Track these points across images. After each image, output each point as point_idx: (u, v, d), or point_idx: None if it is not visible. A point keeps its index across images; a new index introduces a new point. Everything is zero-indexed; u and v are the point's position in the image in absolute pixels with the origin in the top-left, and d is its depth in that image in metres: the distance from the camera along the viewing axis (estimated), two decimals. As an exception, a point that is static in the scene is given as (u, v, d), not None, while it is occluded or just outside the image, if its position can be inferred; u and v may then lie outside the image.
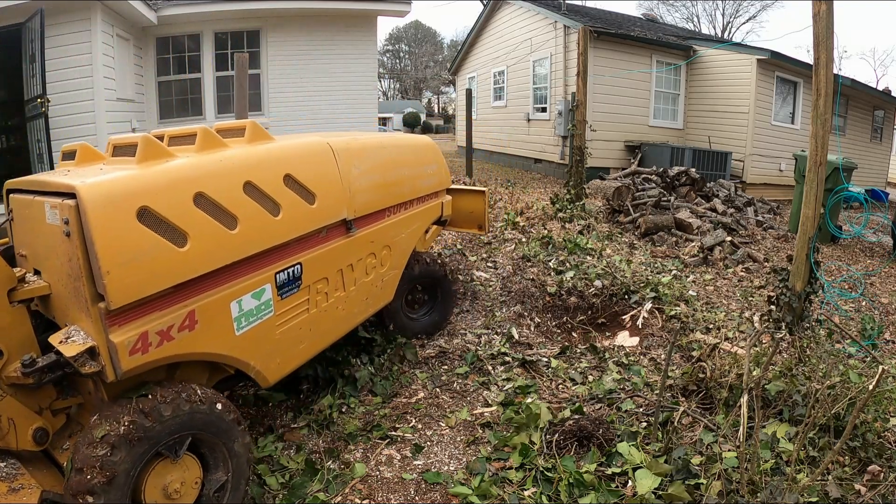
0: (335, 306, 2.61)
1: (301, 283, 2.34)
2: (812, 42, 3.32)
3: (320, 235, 2.46)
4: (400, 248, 3.14)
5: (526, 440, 2.55)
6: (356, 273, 2.75)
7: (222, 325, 1.97)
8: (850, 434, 2.11)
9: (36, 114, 7.00)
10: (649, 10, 39.65)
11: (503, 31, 15.61)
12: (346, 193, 2.58)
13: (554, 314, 4.34)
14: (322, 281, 2.49)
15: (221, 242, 1.91)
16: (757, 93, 11.50)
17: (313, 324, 2.46)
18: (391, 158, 3.02)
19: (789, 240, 7.41)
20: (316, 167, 2.44)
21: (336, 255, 2.56)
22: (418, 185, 3.26)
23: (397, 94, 63.17)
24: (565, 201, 7.68)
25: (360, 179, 2.70)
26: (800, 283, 3.46)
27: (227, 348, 2.00)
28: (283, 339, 2.28)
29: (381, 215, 2.93)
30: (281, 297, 2.23)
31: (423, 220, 3.39)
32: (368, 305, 2.93)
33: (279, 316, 2.24)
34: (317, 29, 9.67)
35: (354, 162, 2.67)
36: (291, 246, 2.28)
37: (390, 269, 3.08)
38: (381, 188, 2.88)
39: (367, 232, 2.80)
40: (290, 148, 2.38)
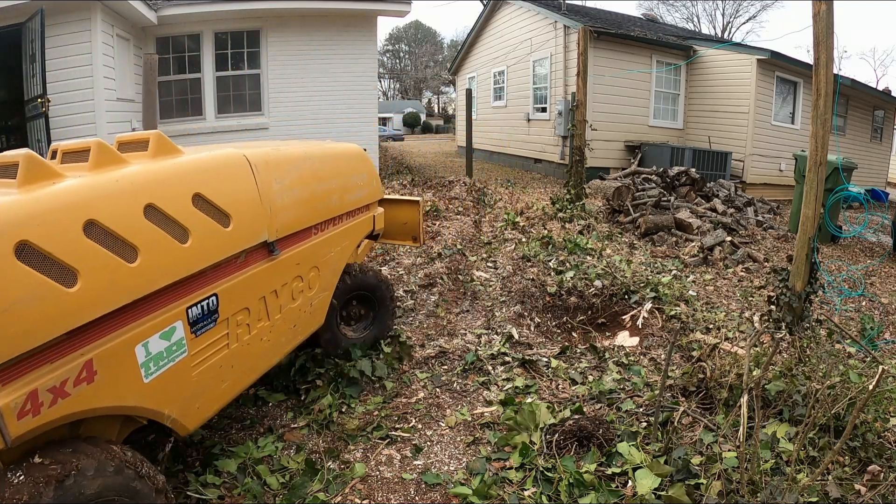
0: (260, 338, 2.36)
1: (218, 317, 2.07)
2: (812, 42, 3.32)
3: (238, 261, 2.19)
4: (329, 268, 2.91)
5: (526, 440, 2.56)
6: (281, 299, 2.49)
7: (127, 374, 1.69)
8: (850, 434, 2.11)
9: (36, 114, 7.01)
10: (649, 10, 39.67)
11: (503, 31, 15.62)
12: (266, 212, 2.31)
13: (554, 314, 4.34)
14: (243, 312, 2.23)
15: (119, 278, 1.63)
16: (757, 93, 11.50)
17: (236, 360, 2.21)
18: (317, 170, 2.76)
19: (789, 240, 7.41)
20: (231, 184, 2.16)
21: (258, 281, 2.30)
22: (348, 199, 3.02)
23: (397, 94, 63.19)
24: (565, 201, 7.68)
25: (283, 195, 2.44)
26: (800, 283, 3.46)
27: (134, 399, 1.73)
28: (201, 382, 2.02)
29: (307, 234, 2.68)
30: (195, 335, 1.96)
31: (353, 235, 3.16)
32: (297, 333, 2.69)
33: (194, 356, 1.98)
34: (317, 29, 9.67)
35: (275, 176, 2.41)
36: (205, 275, 2.00)
37: (319, 291, 2.83)
38: (307, 204, 2.64)
39: (293, 253, 2.55)
40: (201, 163, 2.09)
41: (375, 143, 10.41)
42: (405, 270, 5.24)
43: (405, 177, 11.37)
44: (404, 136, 38.80)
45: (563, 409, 2.86)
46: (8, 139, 8.56)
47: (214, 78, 9.47)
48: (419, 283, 4.87)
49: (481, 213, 7.64)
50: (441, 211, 7.54)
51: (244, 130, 9.57)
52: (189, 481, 2.29)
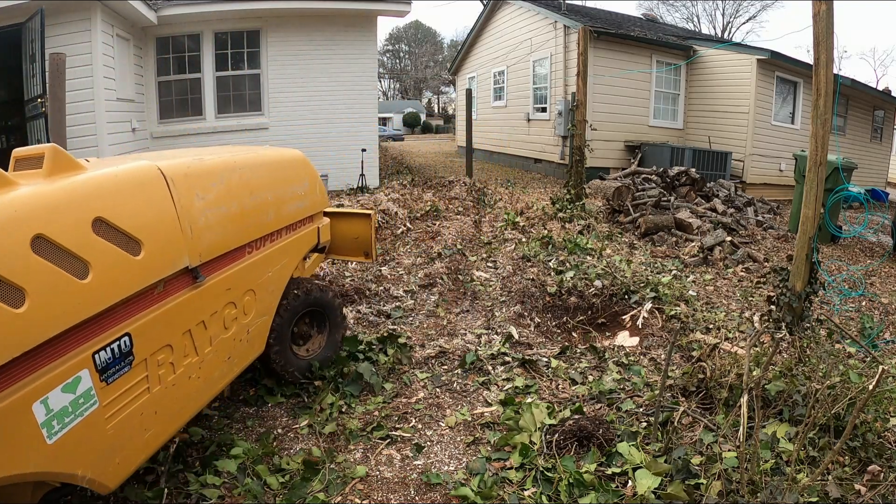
0: (187, 377, 2.10)
1: (133, 359, 1.81)
2: (812, 42, 3.32)
3: (155, 293, 1.91)
4: (268, 290, 2.63)
5: (526, 440, 2.56)
6: (211, 330, 2.22)
7: (25, 436, 1.46)
8: (850, 434, 2.11)
9: (36, 114, 7.00)
10: (649, 10, 39.68)
11: (503, 31, 15.62)
12: (186, 234, 2.02)
13: (554, 314, 4.34)
14: (164, 350, 1.97)
15: (5, 327, 1.38)
16: (757, 93, 11.50)
17: (160, 405, 1.95)
18: (248, 181, 2.47)
19: (789, 240, 7.41)
20: (141, 203, 1.87)
21: (181, 314, 2.03)
22: (286, 211, 2.76)
23: (397, 94, 63.20)
24: (565, 201, 7.68)
25: (207, 213, 2.15)
26: (800, 283, 3.46)
27: (37, 464, 1.50)
28: (119, 434, 1.77)
29: (239, 254, 2.40)
30: (106, 383, 1.71)
31: (295, 251, 2.89)
32: (233, 364, 2.43)
33: (108, 406, 1.72)
34: (317, 29, 9.67)
35: (197, 190, 2.12)
36: (113, 313, 1.73)
37: (257, 316, 2.56)
38: (237, 220, 2.35)
39: (222, 278, 2.26)
40: (104, 181, 1.78)
41: (375, 143, 10.40)
42: (405, 270, 5.24)
43: (405, 177, 11.37)
44: (404, 136, 38.80)
45: (563, 409, 2.86)
46: (8, 139, 8.56)
47: (214, 78, 9.47)
48: (419, 284, 4.87)
49: (481, 213, 7.64)
50: (441, 211, 7.54)
51: (244, 130, 9.57)
52: (189, 481, 2.29)
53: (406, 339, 3.69)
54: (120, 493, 2.19)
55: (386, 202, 7.36)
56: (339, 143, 10.03)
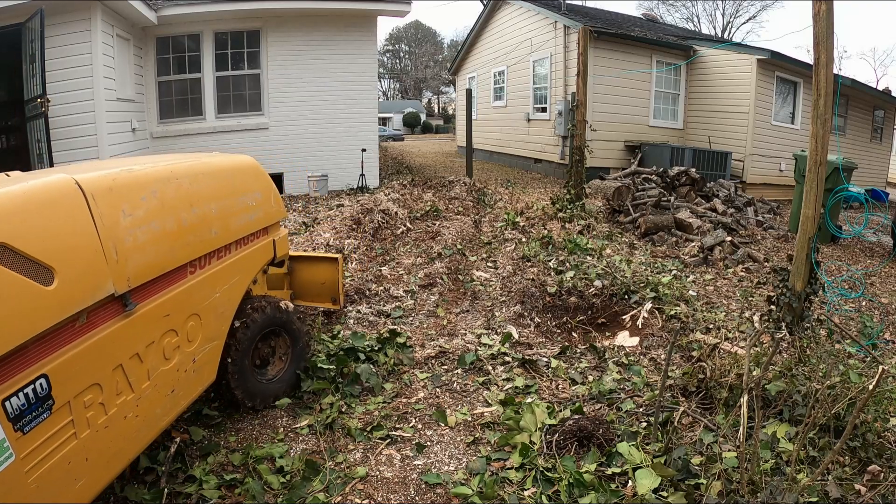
0: (122, 416, 1.87)
1: (53, 403, 1.60)
2: (812, 42, 3.32)
3: (76, 326, 1.69)
4: (216, 312, 2.40)
5: (526, 440, 2.56)
6: (149, 363, 1.99)
7: None
8: (850, 434, 2.11)
9: (36, 114, 7.00)
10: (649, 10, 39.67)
11: (503, 31, 15.62)
12: (111, 256, 1.80)
13: (554, 314, 4.34)
14: (92, 389, 1.74)
15: None
16: (757, 93, 11.50)
17: (91, 450, 1.74)
18: (187, 193, 2.24)
19: (789, 240, 7.41)
20: (53, 224, 1.64)
21: (109, 347, 1.80)
22: (235, 224, 2.53)
23: (397, 94, 63.20)
24: (565, 201, 7.69)
25: (136, 231, 1.93)
26: (800, 283, 3.46)
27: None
28: (44, 486, 1.56)
29: (178, 275, 2.16)
30: (22, 433, 1.50)
31: (247, 267, 2.66)
32: (179, 398, 2.19)
33: (26, 459, 1.51)
34: (317, 29, 9.67)
35: (124, 206, 1.90)
36: (24, 353, 1.52)
37: (204, 342, 2.32)
38: (174, 237, 2.12)
39: (158, 303, 2.03)
40: (7, 200, 1.54)
41: (375, 143, 10.41)
42: (405, 270, 5.24)
43: (405, 177, 11.37)
44: (404, 136, 38.80)
45: (563, 409, 2.86)
46: (8, 139, 8.56)
47: (214, 78, 9.47)
48: (419, 284, 4.87)
49: (481, 213, 7.64)
50: (441, 211, 7.54)
51: (244, 130, 9.58)
52: (189, 481, 2.29)
53: (406, 339, 3.69)
54: (120, 493, 2.20)
55: (386, 202, 7.36)
56: (339, 143, 10.03)
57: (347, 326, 3.95)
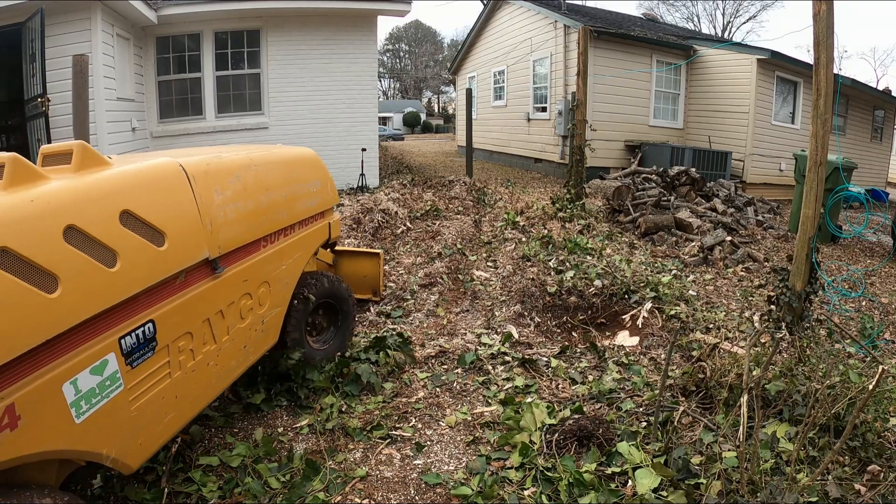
0: (205, 363, 2.18)
1: (157, 345, 1.89)
2: (812, 42, 3.32)
3: (177, 282, 2.00)
4: (281, 283, 2.73)
5: (526, 440, 2.56)
6: (229, 320, 2.31)
7: (56, 415, 1.53)
8: (850, 434, 2.11)
9: (36, 113, 7.01)
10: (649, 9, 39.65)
11: (503, 31, 15.62)
12: (206, 227, 2.13)
13: (554, 314, 4.34)
14: (185, 337, 2.05)
15: (39, 311, 1.45)
16: (757, 93, 11.50)
17: (180, 390, 2.03)
18: (264, 179, 2.58)
19: (789, 240, 7.41)
20: (165, 197, 1.97)
21: (200, 303, 2.12)
22: (299, 207, 2.85)
23: (397, 94, 63.18)
24: (565, 201, 7.69)
25: (226, 207, 2.27)
26: (800, 283, 3.46)
27: (66, 441, 1.56)
28: (141, 416, 1.84)
29: (254, 248, 2.50)
30: (131, 367, 1.78)
31: (307, 245, 2.98)
32: (249, 354, 2.52)
33: (132, 389, 1.79)
34: (317, 28, 9.67)
35: (216, 186, 2.23)
36: (138, 301, 1.81)
37: (271, 307, 2.66)
38: (254, 216, 2.46)
39: (239, 270, 2.36)
40: (130, 176, 1.88)
41: (375, 143, 10.41)
42: (405, 270, 5.24)
43: (405, 176, 11.37)
44: (404, 136, 38.80)
45: (563, 408, 2.86)
46: (8, 139, 8.56)
47: (214, 77, 9.47)
48: (419, 283, 4.87)
49: (481, 213, 7.64)
50: (441, 211, 7.54)
51: (244, 130, 9.57)
52: (189, 481, 2.29)
53: (406, 339, 3.69)
54: (120, 493, 2.20)
55: (386, 202, 7.36)
56: (339, 143, 10.03)
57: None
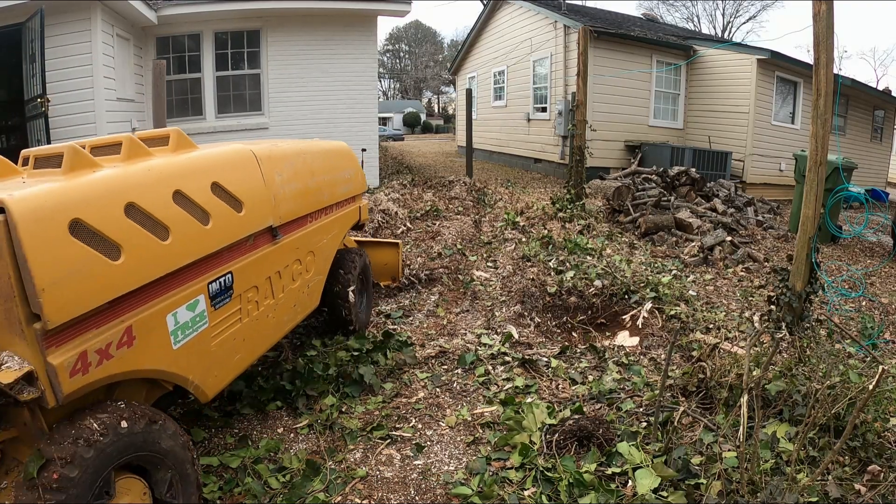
0: (266, 315, 2.56)
1: (233, 293, 2.27)
2: (812, 42, 3.32)
3: (248, 243, 2.41)
4: (323, 254, 3.19)
5: (526, 440, 2.56)
6: (284, 280, 2.71)
7: (160, 340, 1.87)
8: (850, 434, 2.11)
9: (36, 114, 7.01)
10: (649, 10, 39.64)
11: (503, 31, 15.62)
12: (271, 200, 2.56)
13: (554, 314, 4.34)
14: (252, 289, 2.43)
15: (155, 254, 1.83)
16: (757, 93, 11.50)
17: (246, 334, 2.40)
18: (310, 165, 3.02)
19: (789, 240, 7.41)
20: (242, 175, 2.41)
21: (264, 262, 2.52)
22: (337, 191, 3.31)
23: (397, 94, 63.17)
24: (565, 201, 7.68)
25: (284, 186, 2.69)
26: (800, 283, 3.46)
27: (165, 363, 1.91)
28: (218, 351, 2.19)
29: (304, 221, 2.92)
30: (214, 308, 2.15)
31: (342, 224, 3.46)
32: (297, 312, 2.90)
33: (214, 327, 2.15)
34: (317, 29, 9.67)
35: (277, 169, 2.67)
36: (222, 255, 2.21)
37: (315, 274, 3.09)
38: (303, 195, 2.88)
39: (292, 238, 2.78)
40: (216, 156, 2.35)
41: (375, 143, 10.41)
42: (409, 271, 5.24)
43: (405, 177, 11.36)
44: (404, 136, 38.78)
45: (563, 408, 2.86)
46: (8, 139, 8.55)
47: (214, 78, 9.47)
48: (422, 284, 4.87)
49: (481, 213, 7.64)
50: (441, 211, 7.54)
51: (244, 130, 9.57)
52: (189, 481, 2.29)
53: (406, 339, 3.69)
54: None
55: (386, 202, 7.36)
56: (340, 143, 10.02)
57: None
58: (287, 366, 3.14)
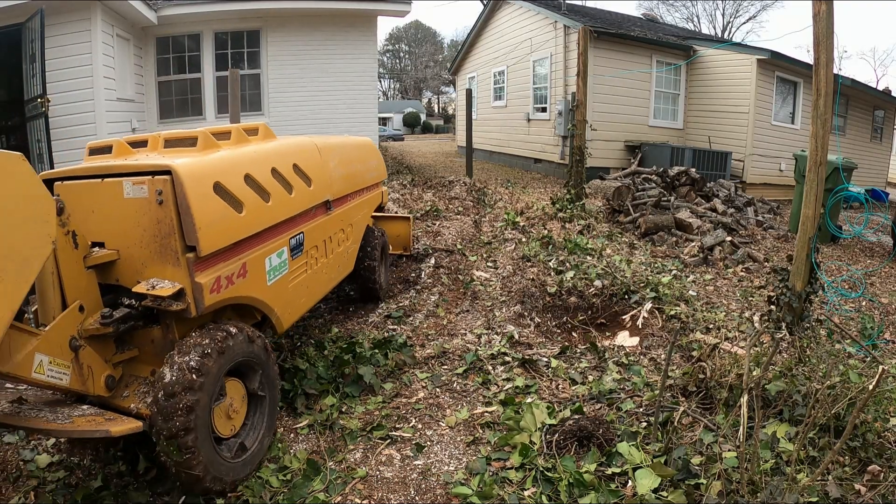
0: (321, 270, 3.23)
1: (303, 248, 2.96)
2: (812, 42, 3.32)
3: (312, 212, 3.07)
4: (358, 227, 3.88)
5: (526, 440, 2.56)
6: (333, 244, 3.40)
7: (261, 276, 2.52)
8: (850, 434, 2.11)
9: (36, 114, 7.01)
10: (649, 10, 39.63)
11: (503, 31, 15.61)
12: (327, 180, 3.27)
13: (554, 314, 4.34)
14: (314, 248, 3.11)
15: (262, 211, 2.48)
16: (757, 93, 11.49)
17: (309, 283, 3.05)
18: (349, 154, 3.73)
19: (789, 240, 7.41)
20: (309, 159, 3.09)
21: (322, 228, 3.20)
22: (367, 177, 4.03)
23: (397, 94, 63.15)
24: (565, 201, 7.68)
25: (334, 170, 3.40)
26: (800, 283, 3.46)
27: (263, 295, 2.54)
28: (293, 293, 2.85)
29: (346, 199, 3.62)
30: (292, 258, 2.82)
31: (371, 205, 4.20)
32: (339, 273, 3.58)
33: (291, 273, 2.81)
34: (317, 29, 9.67)
35: (330, 156, 3.36)
36: (297, 219, 2.88)
37: (353, 243, 3.79)
38: (346, 178, 3.59)
39: (339, 211, 3.48)
40: (293, 144, 3.07)
41: (376, 143, 10.40)
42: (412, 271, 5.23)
43: (405, 177, 11.36)
44: (404, 136, 38.76)
45: (563, 409, 2.86)
46: (8, 139, 8.55)
47: (214, 78, 9.47)
48: (424, 283, 4.87)
49: (481, 213, 7.63)
50: (441, 211, 7.53)
51: (244, 130, 9.56)
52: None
53: (406, 340, 3.69)
54: (121, 494, 2.19)
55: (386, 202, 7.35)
56: (340, 143, 10.03)
57: (347, 327, 3.95)
58: (287, 365, 3.14)
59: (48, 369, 1.84)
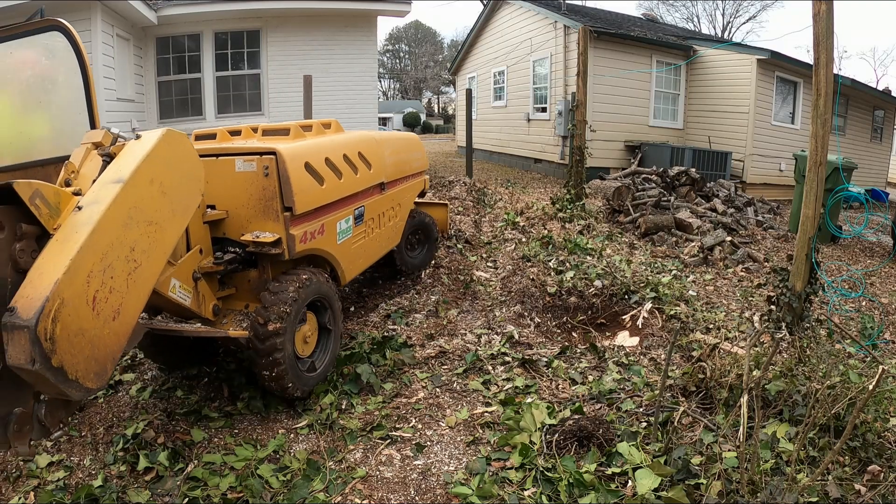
0: (375, 239, 3.88)
1: (363, 219, 3.62)
2: (812, 42, 3.32)
3: (371, 191, 3.74)
4: (404, 208, 4.43)
5: (526, 440, 2.56)
6: (384, 219, 4.01)
7: (333, 236, 3.22)
8: (850, 434, 2.11)
9: (36, 114, 6.98)
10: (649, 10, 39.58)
11: (503, 31, 15.61)
12: (383, 165, 3.92)
13: (554, 314, 4.34)
14: (371, 220, 3.76)
15: (336, 185, 3.19)
16: (757, 93, 11.49)
17: (366, 247, 3.72)
18: (398, 146, 4.35)
19: (789, 240, 7.41)
20: (370, 148, 3.74)
21: (377, 204, 3.85)
22: (412, 166, 4.59)
23: (397, 94, 63.11)
24: (565, 201, 7.68)
25: (388, 158, 4.02)
26: (800, 283, 3.46)
27: (334, 250, 3.24)
28: (354, 253, 3.52)
29: (396, 183, 4.20)
30: (356, 225, 3.51)
31: (414, 190, 4.72)
32: (388, 243, 4.20)
33: (354, 236, 3.49)
34: (317, 29, 9.67)
35: (385, 147, 4.00)
36: (359, 195, 3.54)
37: (399, 220, 4.37)
38: (396, 165, 4.19)
39: (391, 192, 4.10)
40: (358, 136, 3.76)
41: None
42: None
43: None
44: (404, 136, 38.64)
45: (563, 409, 2.86)
46: (8, 139, 8.54)
47: (214, 78, 9.47)
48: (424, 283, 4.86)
49: (481, 213, 7.63)
50: (441, 211, 7.52)
51: (244, 130, 9.56)
52: (191, 481, 2.29)
53: (405, 340, 3.69)
54: (121, 494, 2.20)
55: (386, 202, 7.35)
56: (340, 143, 10.03)
57: (347, 327, 3.95)
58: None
59: (179, 290, 2.42)
